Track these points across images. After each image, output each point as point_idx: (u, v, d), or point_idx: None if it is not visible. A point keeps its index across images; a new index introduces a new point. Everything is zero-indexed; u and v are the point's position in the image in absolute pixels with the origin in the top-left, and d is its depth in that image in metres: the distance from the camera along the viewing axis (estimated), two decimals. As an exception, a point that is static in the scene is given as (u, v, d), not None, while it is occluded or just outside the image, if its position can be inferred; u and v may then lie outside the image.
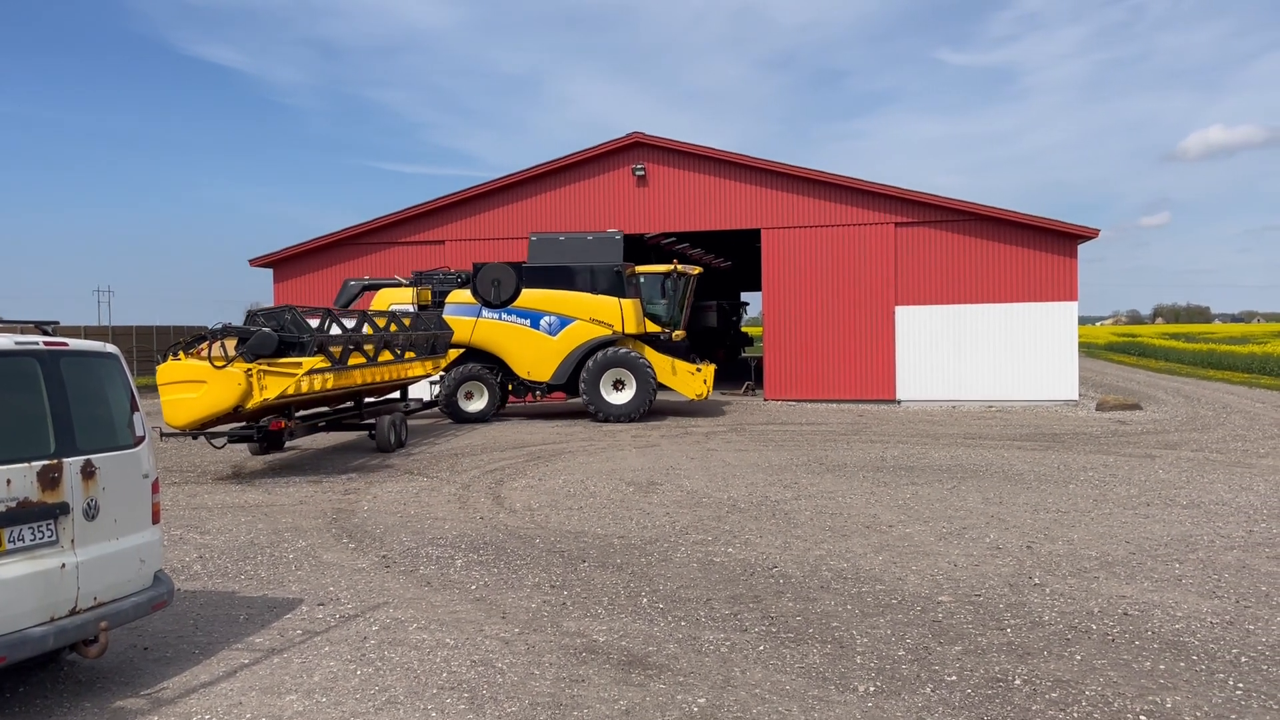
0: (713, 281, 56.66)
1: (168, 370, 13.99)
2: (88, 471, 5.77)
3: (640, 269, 23.46)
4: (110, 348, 6.38)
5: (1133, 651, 6.38)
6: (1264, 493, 12.08)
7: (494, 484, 13.64)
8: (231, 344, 14.10)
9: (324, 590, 8.25)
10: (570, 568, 8.84)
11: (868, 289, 25.34)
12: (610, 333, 22.10)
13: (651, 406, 22.13)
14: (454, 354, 22.76)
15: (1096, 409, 23.61)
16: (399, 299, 23.25)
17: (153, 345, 44.62)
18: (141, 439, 6.33)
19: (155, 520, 6.39)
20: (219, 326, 14.39)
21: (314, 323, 15.39)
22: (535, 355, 22.50)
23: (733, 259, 51.61)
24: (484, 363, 22.86)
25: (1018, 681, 5.89)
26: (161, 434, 14.64)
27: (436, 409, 22.76)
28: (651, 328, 23.40)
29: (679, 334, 23.88)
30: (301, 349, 14.17)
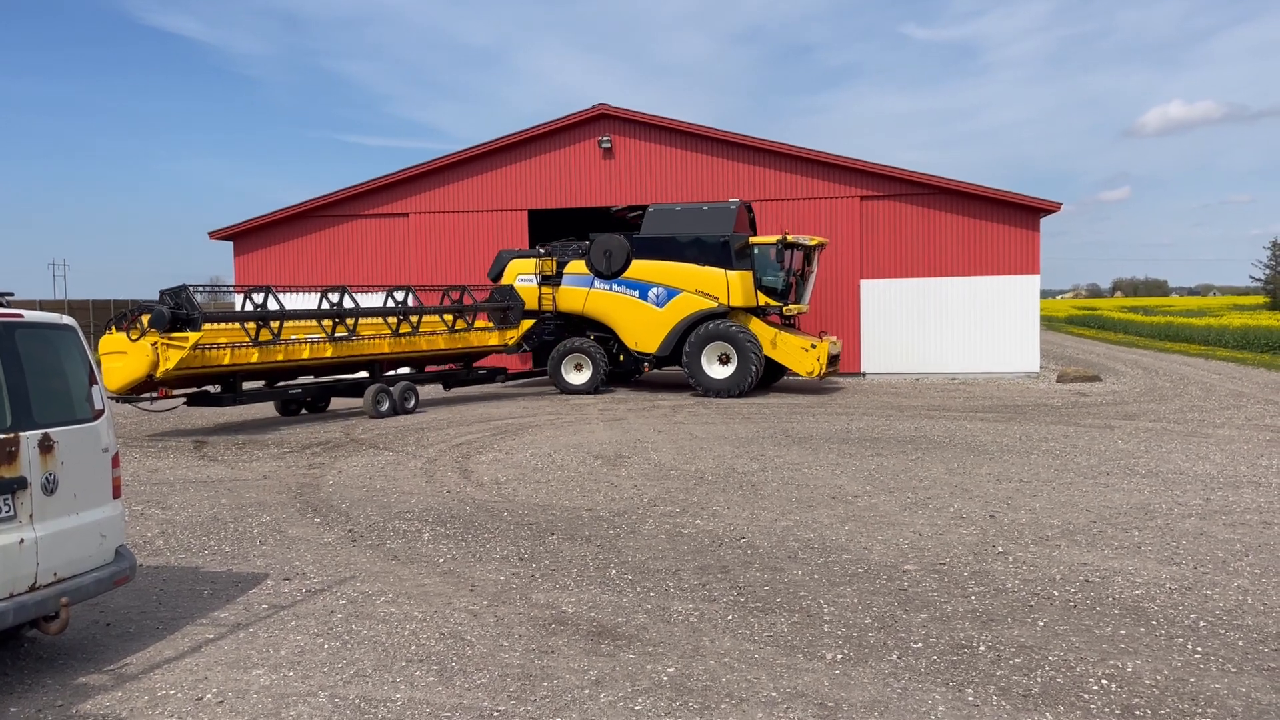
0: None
1: (105, 342, 16.08)
2: (45, 445, 5.66)
3: (754, 240, 22.00)
4: (67, 320, 6.25)
5: (1094, 617, 6.49)
6: (1220, 462, 12.31)
7: (461, 458, 13.58)
8: (147, 319, 15.91)
9: (289, 565, 8.18)
10: (538, 540, 8.83)
11: (833, 262, 25.42)
12: (716, 305, 21.43)
13: (755, 382, 20.98)
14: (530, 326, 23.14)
15: (1057, 381, 23.93)
16: (525, 269, 23.48)
17: (110, 319, 43.93)
18: (101, 412, 6.21)
19: (116, 495, 6.28)
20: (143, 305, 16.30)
21: (259, 299, 17.41)
22: (643, 326, 22.23)
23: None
24: (600, 333, 22.94)
25: (982, 648, 5.97)
26: (118, 400, 16.26)
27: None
28: (766, 301, 21.87)
29: (796, 308, 22.27)
30: (192, 324, 15.89)
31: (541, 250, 23.87)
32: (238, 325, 17.19)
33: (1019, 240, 25.00)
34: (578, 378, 22.50)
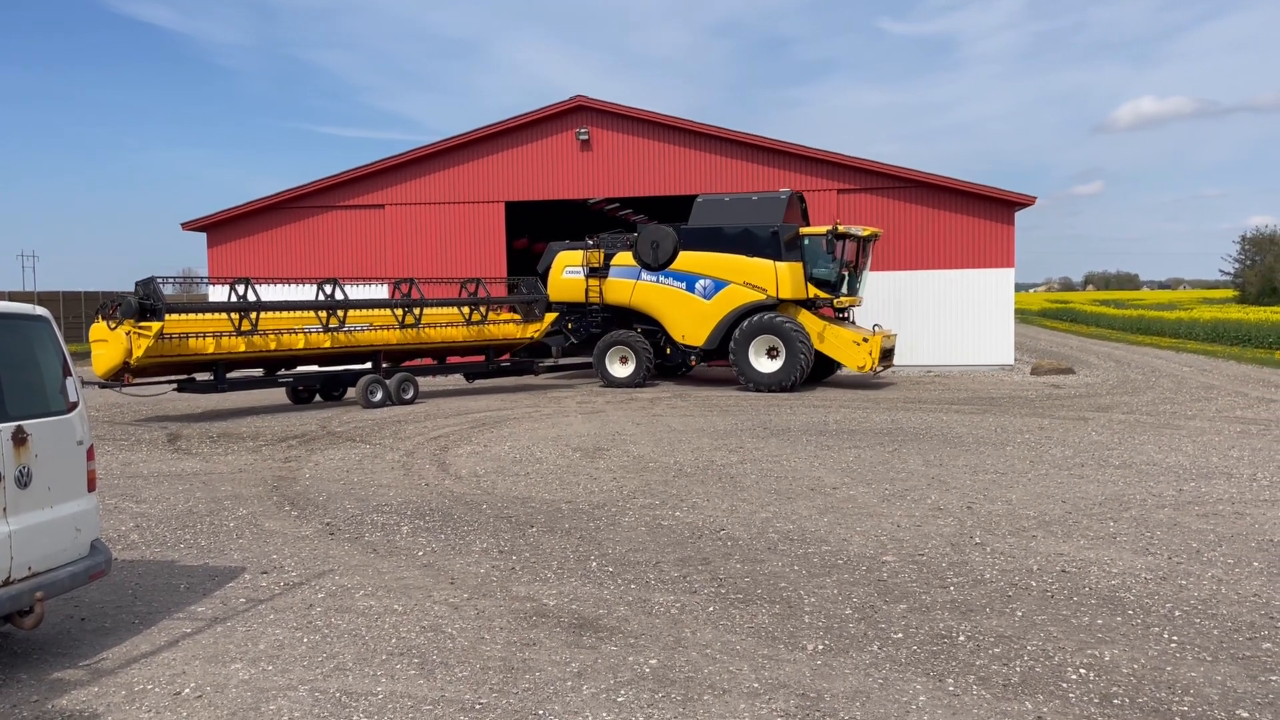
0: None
1: (93, 330, 16.94)
2: (19, 438, 5.57)
3: (805, 230, 21.40)
4: (40, 310, 6.15)
5: (1071, 607, 6.55)
6: (1192, 453, 12.46)
7: (438, 451, 13.52)
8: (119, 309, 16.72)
9: (267, 558, 8.12)
10: (518, 533, 8.81)
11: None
12: (764, 297, 20.90)
13: (803, 377, 20.51)
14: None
15: (1031, 373, 24.14)
16: (573, 261, 23.26)
17: (82, 311, 43.40)
18: (75, 404, 6.12)
19: (91, 488, 6.20)
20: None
21: (241, 290, 18.05)
22: (690, 319, 21.78)
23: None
24: (647, 325, 22.57)
25: (962, 638, 6.01)
26: (100, 386, 17.33)
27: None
28: (817, 293, 21.32)
29: (849, 300, 21.74)
30: (157, 314, 16.60)
31: (590, 242, 23.59)
32: (224, 315, 17.68)
33: (994, 234, 25.18)
34: (622, 370, 22.21)
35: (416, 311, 20.21)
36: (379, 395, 18.98)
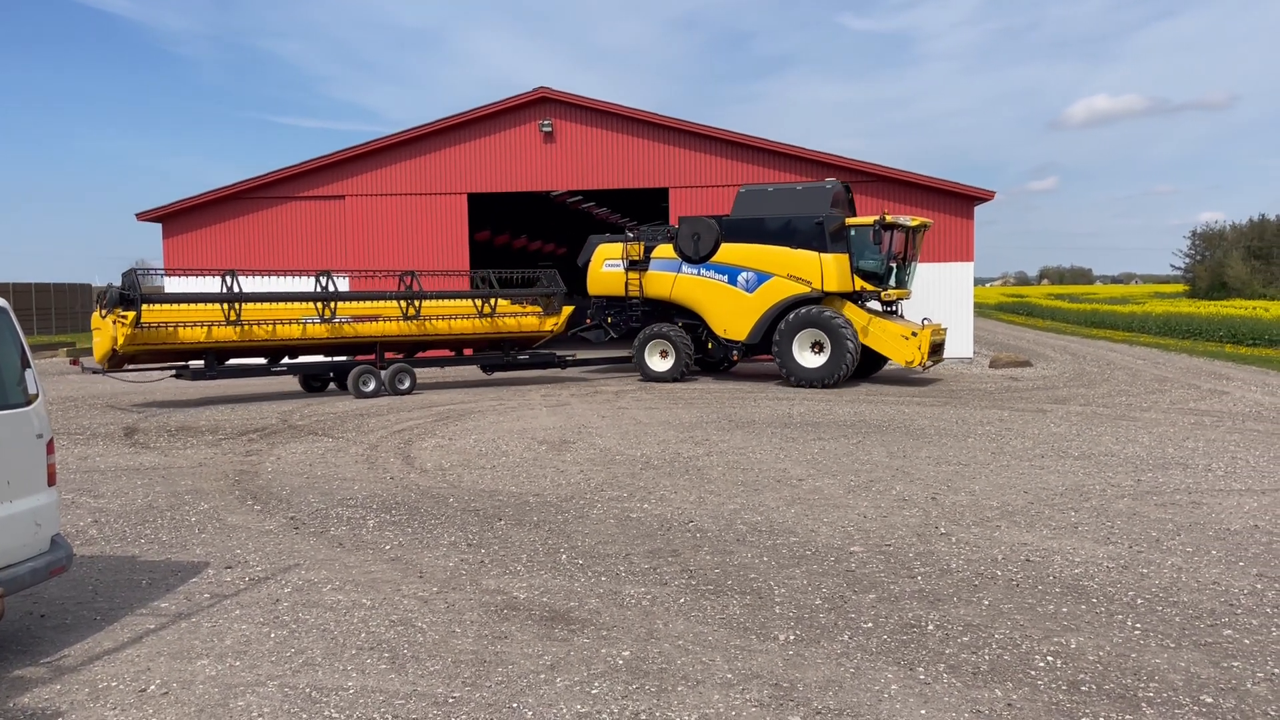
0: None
1: (93, 319, 17.91)
2: (-24, 432, 5.43)
3: (850, 221, 20.49)
4: (0, 302, 6.00)
5: (1036, 596, 6.65)
6: (1148, 444, 12.69)
7: (403, 444, 13.41)
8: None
9: (231, 553, 8.00)
10: (486, 526, 8.76)
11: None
12: (809, 290, 20.11)
13: (849, 372, 19.70)
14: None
15: (990, 366, 24.45)
16: (613, 254, 22.68)
17: (32, 304, 42.43)
18: (35, 397, 5.99)
19: (51, 482, 6.07)
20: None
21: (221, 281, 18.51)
22: (732, 313, 21.08)
23: (639, 218, 51.43)
24: (689, 319, 21.96)
25: (930, 627, 6.08)
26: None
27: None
28: (863, 286, 20.46)
29: (897, 292, 20.95)
30: (134, 304, 17.17)
31: (630, 235, 23.08)
32: (214, 306, 18.26)
33: (954, 228, 25.44)
34: (662, 365, 21.65)
35: (417, 304, 20.17)
36: (371, 385, 19.13)
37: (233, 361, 19.06)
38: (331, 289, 19.55)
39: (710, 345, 21.99)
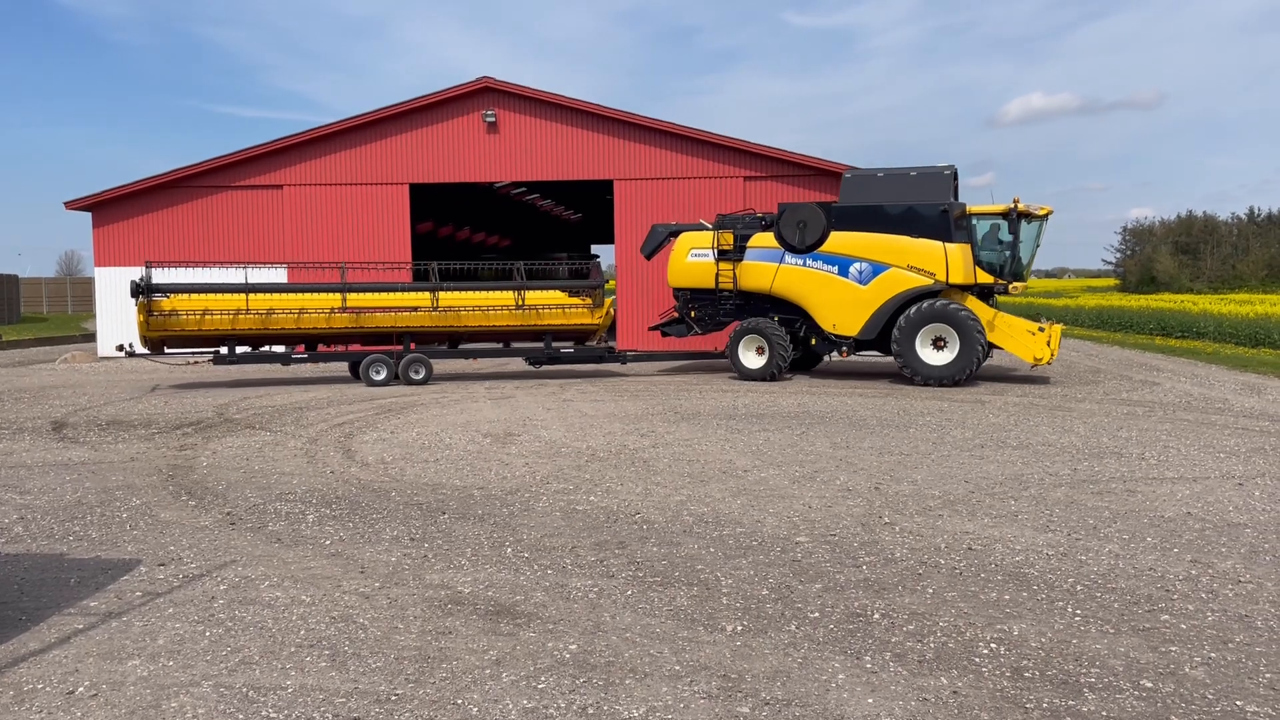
0: (562, 234, 56.31)
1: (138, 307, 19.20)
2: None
3: (973, 209, 19.41)
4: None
5: (979, 583, 6.72)
6: (1084, 434, 12.94)
7: (343, 437, 13.18)
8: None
9: (164, 550, 7.77)
10: (430, 520, 8.63)
11: (718, 241, 25.58)
12: (931, 282, 18.79)
13: (978, 369, 18.79)
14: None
15: (931, 359, 24.72)
16: (699, 244, 21.13)
17: (-47, 294, 41.04)
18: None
19: (-28, 478, 5.85)
20: None
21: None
22: (842, 306, 19.57)
23: (583, 211, 51.27)
24: (787, 313, 20.42)
25: (876, 615, 6.10)
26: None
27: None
28: (984, 278, 19.38)
29: (1020, 286, 19.93)
30: (146, 295, 18.84)
31: (707, 225, 21.61)
32: (230, 295, 19.29)
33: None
34: (756, 361, 20.15)
35: (438, 295, 20.17)
36: (382, 374, 19.33)
37: (263, 348, 20.00)
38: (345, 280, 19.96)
39: (813, 341, 20.46)
